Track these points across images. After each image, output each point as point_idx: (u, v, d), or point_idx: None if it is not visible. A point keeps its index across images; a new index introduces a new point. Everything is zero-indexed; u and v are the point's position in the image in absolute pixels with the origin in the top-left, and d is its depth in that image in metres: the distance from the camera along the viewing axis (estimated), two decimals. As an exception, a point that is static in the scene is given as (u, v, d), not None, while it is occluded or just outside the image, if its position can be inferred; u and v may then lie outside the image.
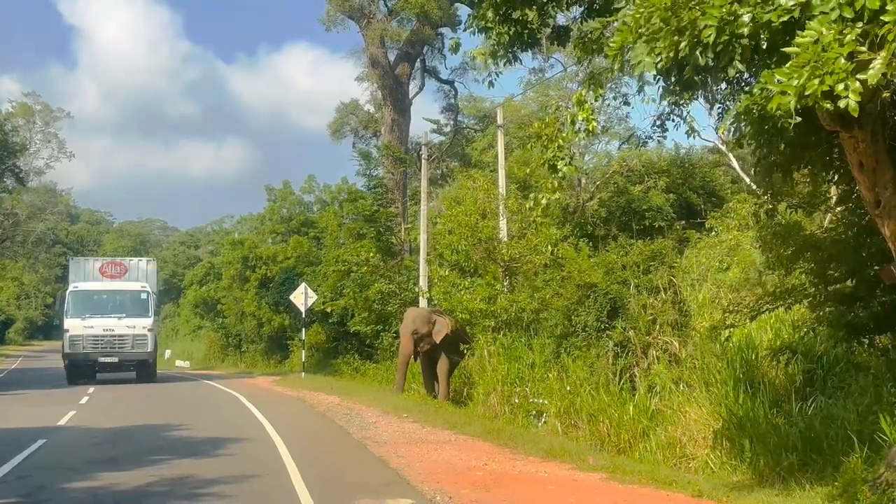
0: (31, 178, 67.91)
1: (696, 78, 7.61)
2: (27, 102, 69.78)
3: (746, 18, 6.99)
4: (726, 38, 7.04)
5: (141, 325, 34.70)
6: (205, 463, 14.13)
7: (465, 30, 11.54)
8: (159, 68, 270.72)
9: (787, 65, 6.60)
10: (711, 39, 7.02)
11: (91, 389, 31.70)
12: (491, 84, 12.34)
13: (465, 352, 24.02)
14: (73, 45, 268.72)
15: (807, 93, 6.41)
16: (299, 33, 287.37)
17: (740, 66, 7.22)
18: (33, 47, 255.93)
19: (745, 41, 7.05)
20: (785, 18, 6.85)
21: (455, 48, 13.69)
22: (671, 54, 7.28)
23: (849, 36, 6.45)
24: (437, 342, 23.65)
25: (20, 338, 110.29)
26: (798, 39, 6.64)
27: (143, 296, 35.53)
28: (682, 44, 7.19)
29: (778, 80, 6.58)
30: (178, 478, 12.70)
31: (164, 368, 56.74)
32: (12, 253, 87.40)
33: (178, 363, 62.33)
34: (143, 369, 35.41)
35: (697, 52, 7.18)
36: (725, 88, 9.38)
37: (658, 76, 8.23)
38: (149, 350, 35.13)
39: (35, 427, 19.26)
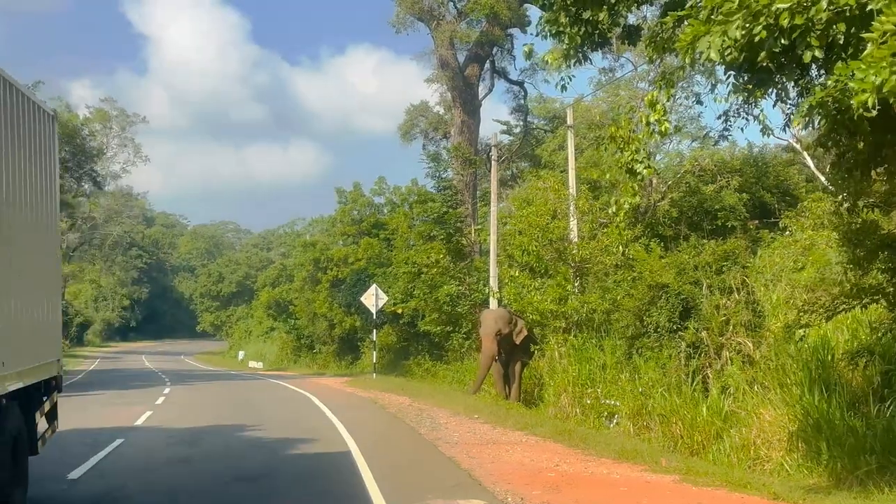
0: (107, 183, 69.27)
1: (768, 65, 7.50)
2: (104, 108, 71.07)
3: (824, 3, 6.87)
4: (803, 22, 6.93)
5: None
6: (278, 463, 14.29)
7: (537, 34, 11.49)
8: (227, 73, 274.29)
9: (863, 57, 6.49)
10: (787, 23, 6.91)
11: (167, 390, 32.25)
12: (564, 87, 12.31)
13: (535, 352, 24.01)
14: (142, 52, 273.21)
15: (885, 89, 6.29)
16: (363, 35, 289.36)
17: (817, 53, 7.10)
18: (105, 55, 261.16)
19: (820, 27, 6.94)
20: (863, 1, 6.72)
21: (528, 54, 13.68)
22: (745, 40, 7.18)
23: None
24: (518, 343, 23.65)
25: (98, 339, 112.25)
26: (875, 25, 6.51)
27: None
28: (757, 27, 7.09)
29: (853, 75, 6.47)
30: (251, 477, 12.86)
31: (238, 369, 57.57)
32: (90, 256, 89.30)
33: (251, 364, 63.05)
34: None
35: (772, 38, 7.08)
36: (796, 86, 9.24)
37: (728, 70, 8.14)
38: None
39: (113, 427, 19.61)
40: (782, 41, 7.11)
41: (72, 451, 15.69)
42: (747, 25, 7.14)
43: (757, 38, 7.15)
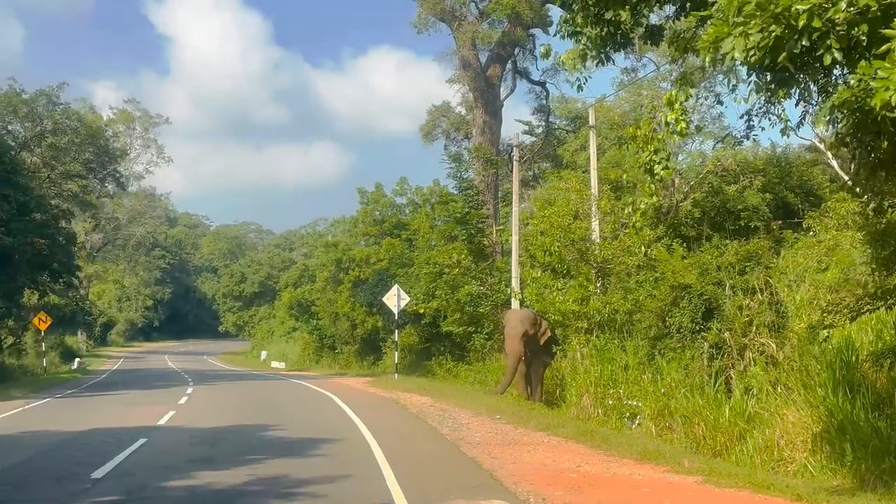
0: (131, 183, 69.83)
1: (789, 65, 7.48)
2: (127, 109, 71.64)
3: (843, 4, 6.84)
4: (821, 25, 6.90)
5: None
6: (299, 463, 14.31)
7: (555, 35, 11.51)
8: (249, 74, 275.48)
9: (888, 57, 6.45)
10: (804, 22, 6.88)
11: (189, 390, 32.41)
12: (580, 88, 12.36)
13: (556, 353, 23.99)
14: (165, 54, 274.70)
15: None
16: (384, 36, 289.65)
17: (837, 55, 7.07)
18: (127, 57, 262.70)
19: (842, 29, 6.91)
20: (886, 2, 6.69)
21: (546, 54, 13.68)
22: (765, 42, 7.16)
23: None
24: (542, 344, 23.64)
25: (121, 339, 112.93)
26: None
27: None
28: (777, 29, 7.06)
29: (877, 74, 6.43)
30: (273, 477, 12.89)
31: (260, 370, 57.74)
32: (114, 256, 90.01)
33: (274, 364, 63.22)
34: None
35: (793, 39, 7.05)
36: (819, 84, 9.19)
37: (750, 70, 8.12)
38: None
39: (136, 427, 19.72)
40: (803, 43, 7.08)
41: (95, 450, 15.81)
42: (770, 28, 7.11)
43: (774, 40, 7.12)
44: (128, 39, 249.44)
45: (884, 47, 6.60)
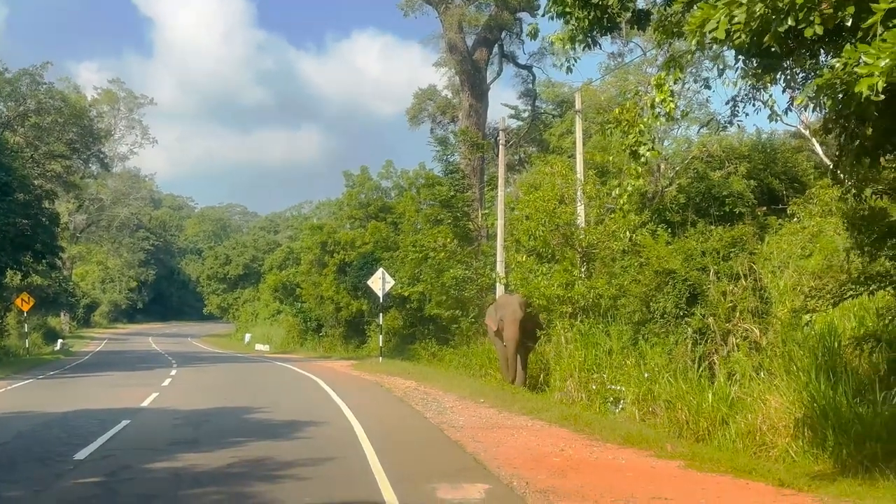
0: (115, 164, 69.56)
1: (775, 46, 7.48)
2: (112, 89, 71.22)
3: None
4: (805, 3, 6.90)
5: None
6: (283, 445, 14.32)
7: (543, 14, 11.47)
8: (233, 56, 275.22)
9: (873, 43, 6.45)
10: (787, 1, 6.89)
11: (173, 372, 32.39)
12: (569, 70, 12.29)
13: (540, 337, 24.03)
14: (149, 35, 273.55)
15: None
16: (368, 21, 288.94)
17: (818, 30, 7.07)
18: (111, 37, 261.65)
19: (827, 10, 6.91)
20: None
21: (534, 34, 13.62)
22: (750, 21, 7.16)
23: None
24: (528, 328, 23.65)
25: (105, 321, 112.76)
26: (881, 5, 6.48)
27: None
28: (761, 9, 7.06)
29: (862, 60, 6.43)
30: (257, 460, 12.89)
31: (245, 352, 57.69)
32: (97, 237, 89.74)
33: (258, 347, 63.15)
34: None
35: (778, 18, 7.06)
36: (804, 71, 9.18)
37: (737, 54, 8.11)
38: None
39: (119, 408, 19.71)
40: (789, 22, 7.08)
41: (78, 431, 15.80)
42: (755, 8, 7.11)
43: (759, 20, 7.12)
44: (110, 21, 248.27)
45: (869, 20, 6.60)
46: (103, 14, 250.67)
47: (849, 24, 7.06)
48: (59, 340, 58.78)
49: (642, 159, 10.26)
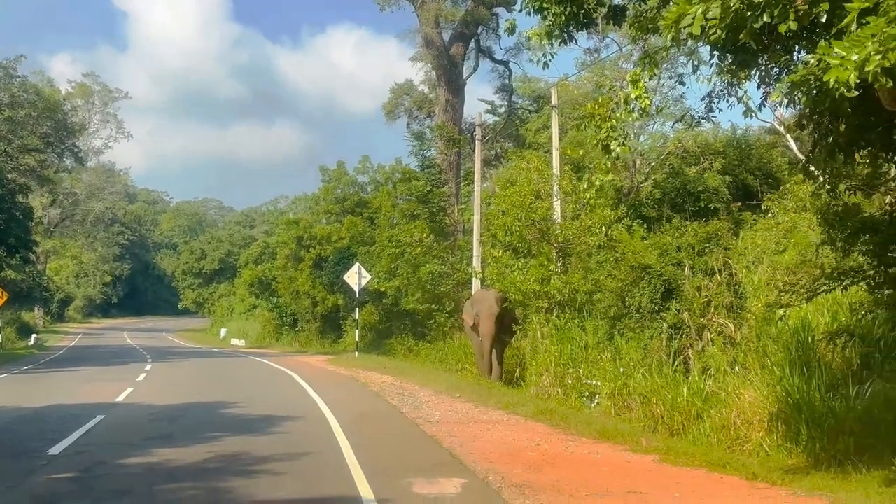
0: (89, 158, 69.10)
1: (751, 42, 7.52)
2: (86, 83, 70.75)
3: None
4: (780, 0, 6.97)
5: None
6: (259, 440, 14.29)
7: (520, 10, 11.47)
8: (209, 50, 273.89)
9: (847, 38, 6.50)
10: None
11: (148, 367, 32.24)
12: (546, 65, 12.34)
13: (516, 332, 24.09)
14: (122, 29, 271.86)
15: (867, 68, 6.30)
16: (343, 15, 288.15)
17: (793, 26, 7.12)
18: (84, 31, 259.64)
19: (802, 7, 6.95)
20: None
21: (511, 30, 13.63)
22: (725, 16, 7.20)
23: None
24: (504, 323, 23.71)
25: (79, 316, 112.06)
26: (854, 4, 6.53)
27: None
28: (736, 3, 7.11)
29: (837, 54, 6.48)
30: (232, 454, 12.86)
31: (220, 347, 57.49)
32: (72, 232, 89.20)
33: (234, 342, 62.99)
34: None
35: (754, 15, 7.11)
36: (779, 67, 9.23)
37: (713, 50, 8.15)
38: None
39: (94, 403, 19.60)
40: (764, 19, 7.13)
41: (52, 427, 15.70)
42: (730, 3, 7.16)
43: (734, 15, 7.17)
44: (84, 14, 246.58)
45: (844, 21, 6.65)
46: (77, 7, 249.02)
47: (823, 20, 7.11)
48: (33, 335, 58.45)
49: (613, 154, 10.28)
